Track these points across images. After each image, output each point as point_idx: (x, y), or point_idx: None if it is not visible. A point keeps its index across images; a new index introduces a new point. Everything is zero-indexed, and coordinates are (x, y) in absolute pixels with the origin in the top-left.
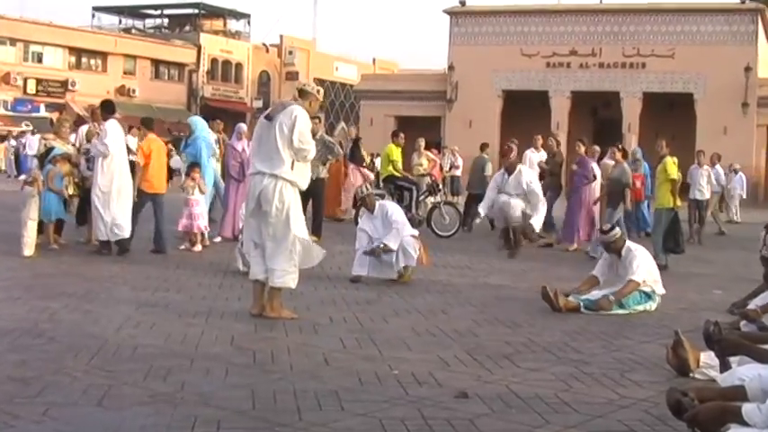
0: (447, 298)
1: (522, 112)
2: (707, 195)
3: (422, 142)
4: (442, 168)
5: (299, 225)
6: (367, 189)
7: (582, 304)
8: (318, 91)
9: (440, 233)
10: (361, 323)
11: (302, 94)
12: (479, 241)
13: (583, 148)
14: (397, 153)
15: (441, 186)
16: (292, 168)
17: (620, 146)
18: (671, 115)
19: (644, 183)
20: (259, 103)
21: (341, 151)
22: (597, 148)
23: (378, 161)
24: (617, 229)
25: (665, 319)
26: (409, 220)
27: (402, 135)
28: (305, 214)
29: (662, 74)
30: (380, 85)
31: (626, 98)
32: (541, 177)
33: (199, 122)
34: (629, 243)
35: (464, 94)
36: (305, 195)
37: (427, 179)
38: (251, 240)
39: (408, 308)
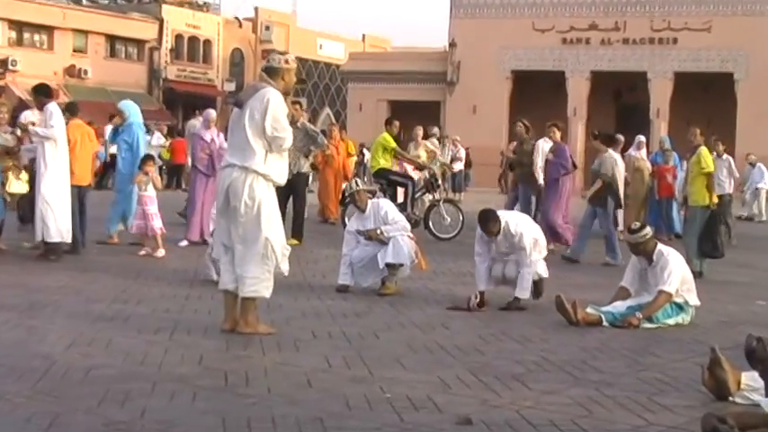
0: (448, 310)
1: (535, 96)
2: (728, 189)
3: (420, 131)
4: (421, 167)
5: (272, 226)
6: (357, 184)
7: (603, 317)
8: (287, 61)
9: (439, 235)
10: (348, 339)
11: (270, 72)
12: None
13: (558, 134)
14: (392, 141)
15: (440, 181)
16: (265, 160)
17: (596, 132)
18: (706, 99)
19: (675, 177)
20: (231, 86)
21: (325, 141)
22: (621, 137)
23: (367, 153)
24: (647, 228)
25: (699, 333)
26: None
27: (397, 123)
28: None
29: (696, 50)
30: (371, 65)
31: (654, 79)
32: (511, 168)
33: (131, 107)
34: (660, 246)
35: (467, 76)
36: (285, 192)
37: (425, 173)
38: (221, 244)
39: (403, 321)
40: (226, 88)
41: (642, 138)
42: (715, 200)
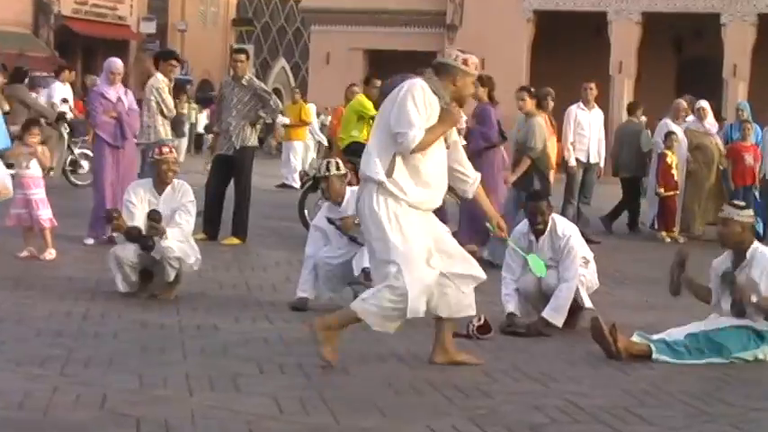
0: None
1: (566, 47)
2: None
3: None
4: None
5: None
6: (330, 167)
7: (654, 348)
8: (466, 62)
9: None
10: (307, 374)
11: (439, 70)
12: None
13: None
14: (371, 106)
15: None
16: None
17: (530, 88)
18: None
19: (758, 158)
20: (150, 27)
21: (279, 105)
22: (685, 102)
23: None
24: (750, 209)
25: None
26: None
27: (378, 82)
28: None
29: None
30: (342, 1)
31: (730, 24)
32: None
33: None
34: (759, 244)
35: (474, 18)
36: (224, 173)
37: None
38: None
39: (383, 351)
40: (143, 30)
41: (704, 103)
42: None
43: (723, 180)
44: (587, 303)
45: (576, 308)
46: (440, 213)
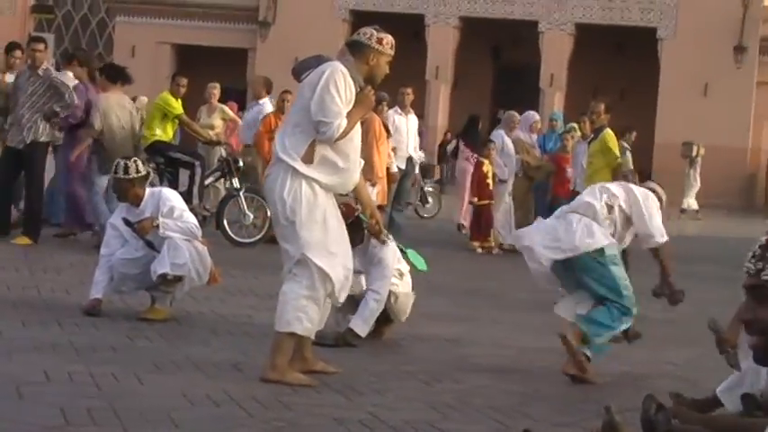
0: (242, 341)
1: None
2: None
3: (215, 91)
4: (213, 142)
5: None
6: (127, 169)
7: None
8: (380, 41)
9: (237, 238)
10: (98, 384)
11: (354, 48)
12: None
13: (83, 73)
14: (176, 105)
15: (240, 163)
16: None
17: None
18: (620, 62)
19: (563, 167)
20: None
21: (75, 99)
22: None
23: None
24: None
25: (593, 389)
26: None
27: (184, 81)
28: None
29: None
30: None
31: (548, 32)
32: None
33: None
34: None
35: (288, 15)
36: (13, 168)
37: (220, 151)
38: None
39: (179, 359)
40: None
41: (514, 115)
42: None
43: (534, 190)
44: (401, 318)
45: (383, 317)
46: None
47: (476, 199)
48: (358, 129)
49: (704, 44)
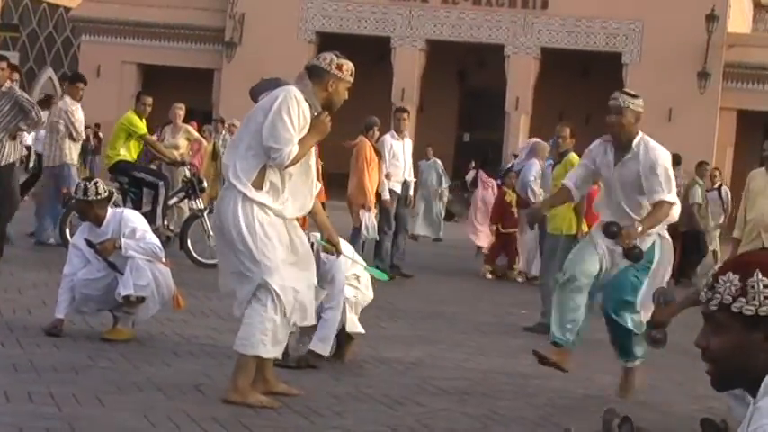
0: (206, 361)
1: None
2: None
3: (180, 111)
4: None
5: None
6: (87, 191)
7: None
8: (340, 67)
9: (201, 259)
10: (58, 404)
11: (313, 73)
12: None
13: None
14: (141, 125)
15: (204, 183)
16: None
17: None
18: (585, 86)
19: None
20: None
21: (42, 117)
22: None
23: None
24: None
25: (556, 412)
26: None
27: (149, 100)
28: None
29: (574, 20)
30: (115, 11)
31: (514, 56)
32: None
33: None
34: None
35: (254, 36)
36: None
37: (184, 171)
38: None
39: (140, 380)
40: None
41: (545, 145)
42: (585, 228)
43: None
44: (357, 328)
45: (343, 337)
46: None
47: (499, 226)
48: (311, 153)
49: (668, 70)
